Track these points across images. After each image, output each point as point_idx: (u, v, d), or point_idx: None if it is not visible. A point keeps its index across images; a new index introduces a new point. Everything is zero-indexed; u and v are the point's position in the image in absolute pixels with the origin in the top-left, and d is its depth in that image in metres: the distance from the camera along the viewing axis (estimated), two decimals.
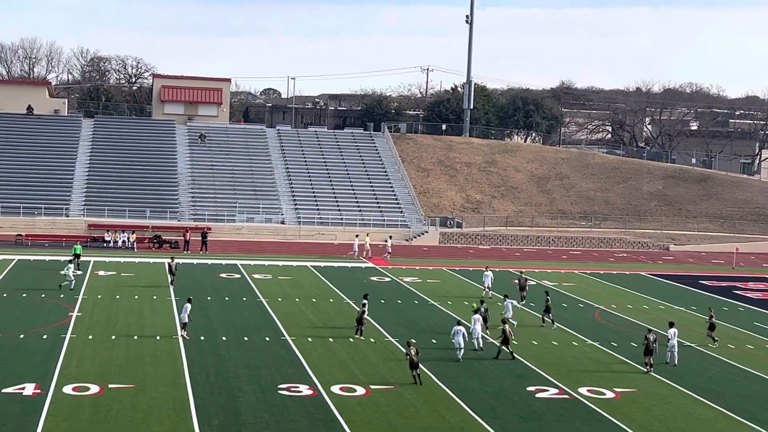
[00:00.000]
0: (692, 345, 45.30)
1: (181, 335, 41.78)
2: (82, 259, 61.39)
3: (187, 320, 42.04)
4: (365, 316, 44.81)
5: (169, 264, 56.77)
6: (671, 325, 41.51)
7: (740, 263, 79.81)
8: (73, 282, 53.47)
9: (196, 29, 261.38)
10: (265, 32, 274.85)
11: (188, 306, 42.47)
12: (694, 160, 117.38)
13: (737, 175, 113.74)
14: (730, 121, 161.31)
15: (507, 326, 40.65)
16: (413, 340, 37.90)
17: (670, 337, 40.72)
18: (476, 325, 42.24)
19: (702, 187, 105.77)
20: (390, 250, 74.03)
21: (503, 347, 40.27)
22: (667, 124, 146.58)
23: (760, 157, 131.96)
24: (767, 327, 51.08)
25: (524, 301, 53.89)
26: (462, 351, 39.19)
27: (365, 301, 46.39)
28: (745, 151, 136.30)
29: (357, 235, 75.95)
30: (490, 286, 56.56)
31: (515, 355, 40.17)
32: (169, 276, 56.17)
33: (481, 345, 41.87)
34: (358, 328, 44.07)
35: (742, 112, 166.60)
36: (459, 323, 39.73)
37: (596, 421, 31.96)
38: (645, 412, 33.23)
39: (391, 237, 77.85)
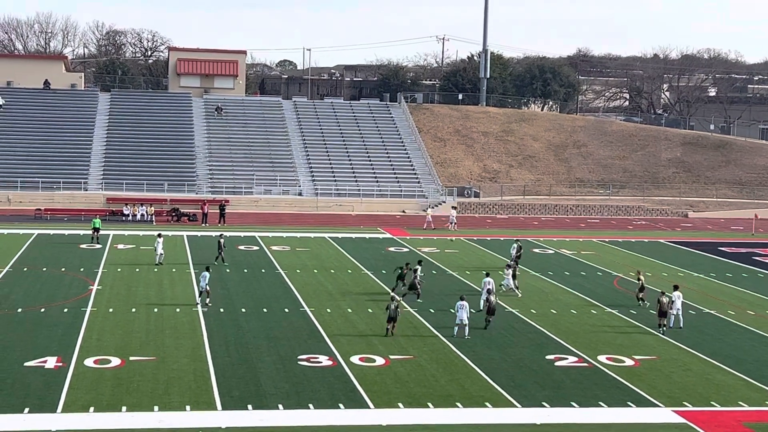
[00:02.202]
0: (712, 312, 45.30)
1: (206, 303, 42.05)
2: (101, 232, 61.85)
3: (205, 288, 42.28)
4: (417, 281, 46.06)
5: (219, 240, 55.39)
6: (675, 288, 42.13)
7: (759, 229, 79.43)
8: (161, 256, 53.50)
9: (211, 1, 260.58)
10: (280, 3, 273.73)
11: (206, 275, 42.73)
12: (712, 127, 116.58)
13: (756, 141, 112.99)
14: (749, 86, 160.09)
15: (493, 297, 40.63)
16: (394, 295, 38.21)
17: (674, 299, 40.98)
18: (485, 289, 43.36)
19: (720, 153, 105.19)
20: (454, 221, 74.21)
21: (489, 317, 40.15)
22: (684, 90, 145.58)
23: None
24: None
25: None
26: (466, 328, 38.21)
27: (418, 267, 47.52)
28: (764, 116, 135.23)
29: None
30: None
31: (488, 325, 39.88)
32: (218, 252, 54.60)
33: (480, 307, 42.16)
34: (416, 292, 45.41)
35: (760, 77, 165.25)
36: (462, 299, 39.45)
37: (616, 389, 31.96)
38: (665, 379, 33.23)
39: (455, 208, 78.03)
